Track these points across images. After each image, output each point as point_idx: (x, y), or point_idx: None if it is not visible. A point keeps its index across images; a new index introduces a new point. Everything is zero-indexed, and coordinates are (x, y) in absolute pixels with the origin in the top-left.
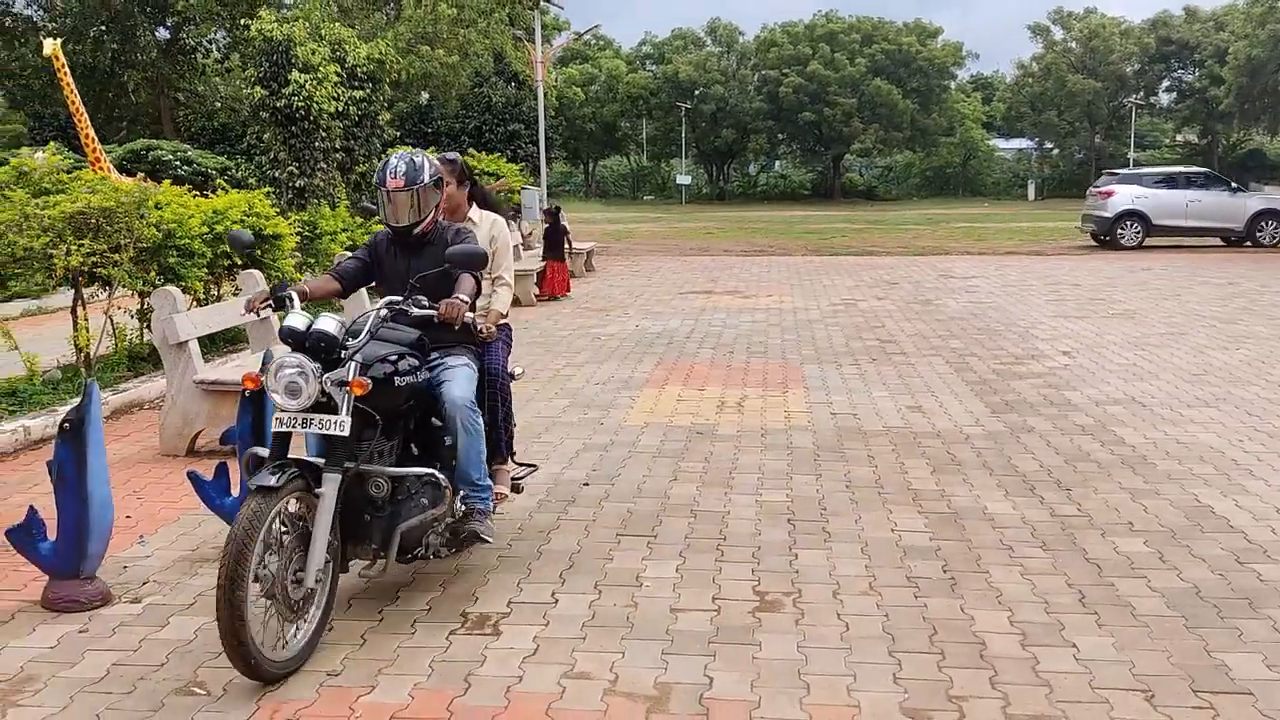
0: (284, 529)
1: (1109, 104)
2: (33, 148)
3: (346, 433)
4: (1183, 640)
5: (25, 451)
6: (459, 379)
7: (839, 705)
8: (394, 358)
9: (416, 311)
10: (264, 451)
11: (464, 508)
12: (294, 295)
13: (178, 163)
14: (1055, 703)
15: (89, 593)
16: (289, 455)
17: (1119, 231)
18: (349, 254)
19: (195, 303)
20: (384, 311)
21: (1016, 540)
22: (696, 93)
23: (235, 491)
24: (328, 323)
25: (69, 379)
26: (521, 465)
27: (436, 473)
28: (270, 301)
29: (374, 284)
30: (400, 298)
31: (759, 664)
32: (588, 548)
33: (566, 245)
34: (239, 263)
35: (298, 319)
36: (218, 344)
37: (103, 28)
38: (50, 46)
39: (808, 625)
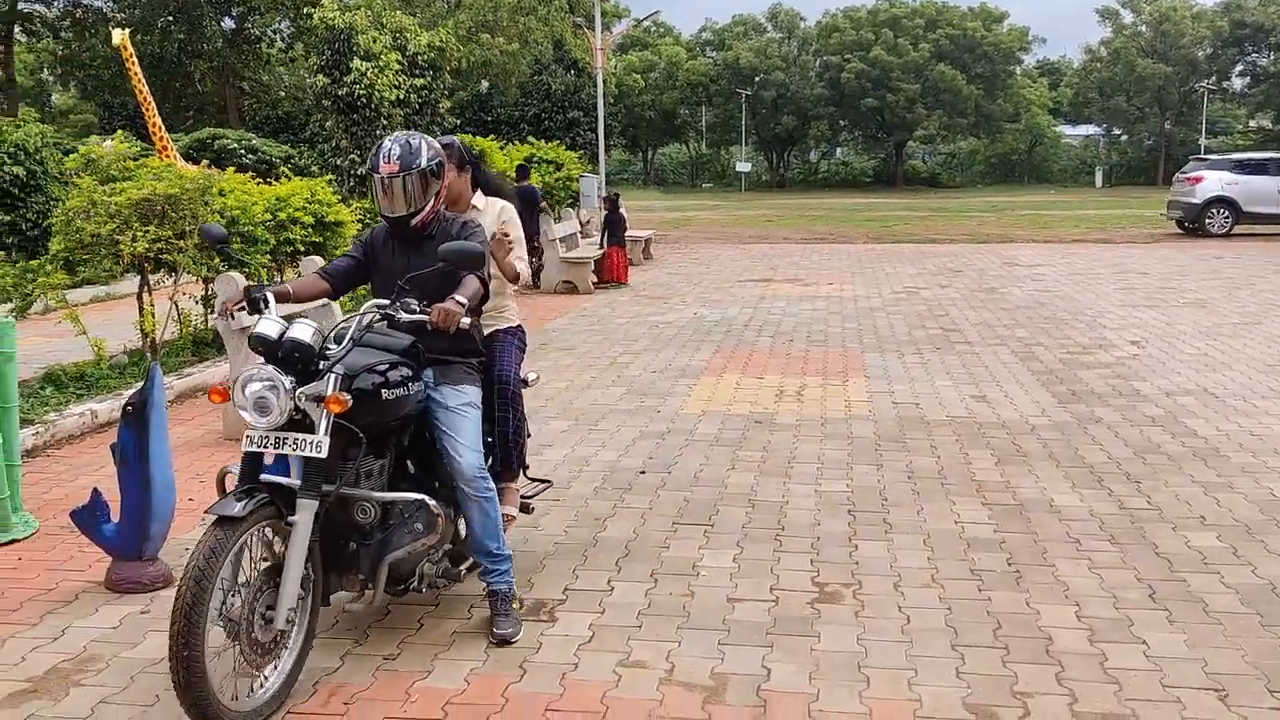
0: (254, 560)
1: (1179, 89)
2: (101, 136)
3: (324, 454)
4: (1258, 638)
5: (92, 435)
6: (463, 433)
7: (900, 699)
8: (383, 367)
9: (406, 317)
10: (236, 468)
11: (483, 585)
12: (270, 297)
13: (242, 151)
14: (1124, 700)
15: (151, 574)
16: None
17: (1207, 219)
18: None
19: None
20: (369, 317)
21: (1084, 533)
22: (757, 79)
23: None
24: (302, 329)
25: (135, 364)
26: (534, 481)
27: (428, 499)
28: (244, 304)
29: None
30: (388, 300)
31: (818, 656)
32: (644, 536)
33: (624, 232)
34: (301, 250)
35: (269, 325)
36: None
37: (170, 18)
38: (119, 37)
39: (868, 617)
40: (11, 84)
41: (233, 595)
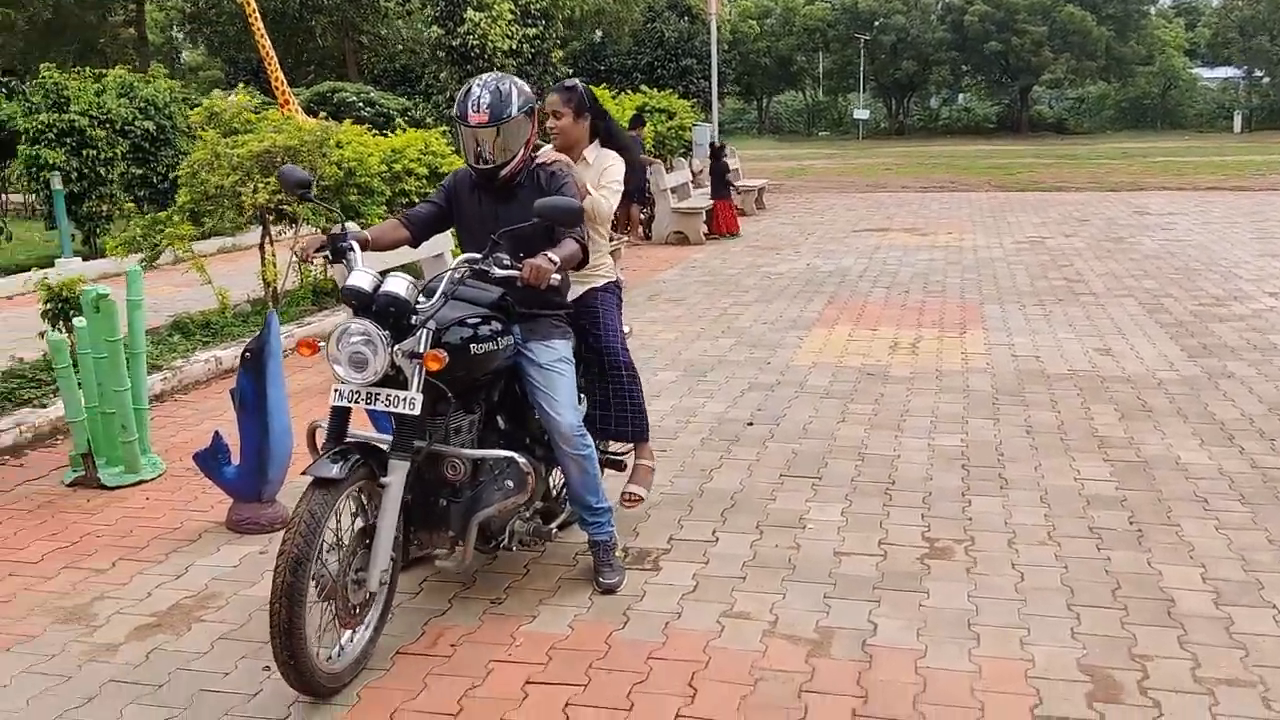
0: (348, 519)
1: None
2: (225, 91)
3: (417, 411)
4: None
5: (217, 380)
6: (557, 390)
7: (1011, 658)
8: (473, 321)
9: (498, 272)
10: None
11: (587, 539)
12: (355, 245)
13: (361, 104)
14: (1251, 667)
15: (269, 516)
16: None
17: None
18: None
19: None
20: (460, 271)
21: (1212, 492)
22: (876, 24)
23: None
24: (397, 283)
25: (257, 312)
26: (613, 458)
27: (518, 455)
28: (327, 252)
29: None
30: (480, 255)
31: (925, 612)
32: (750, 487)
33: (729, 182)
34: (416, 201)
35: (362, 277)
36: None
37: None
38: None
39: (979, 574)
40: (143, 41)
41: (328, 554)
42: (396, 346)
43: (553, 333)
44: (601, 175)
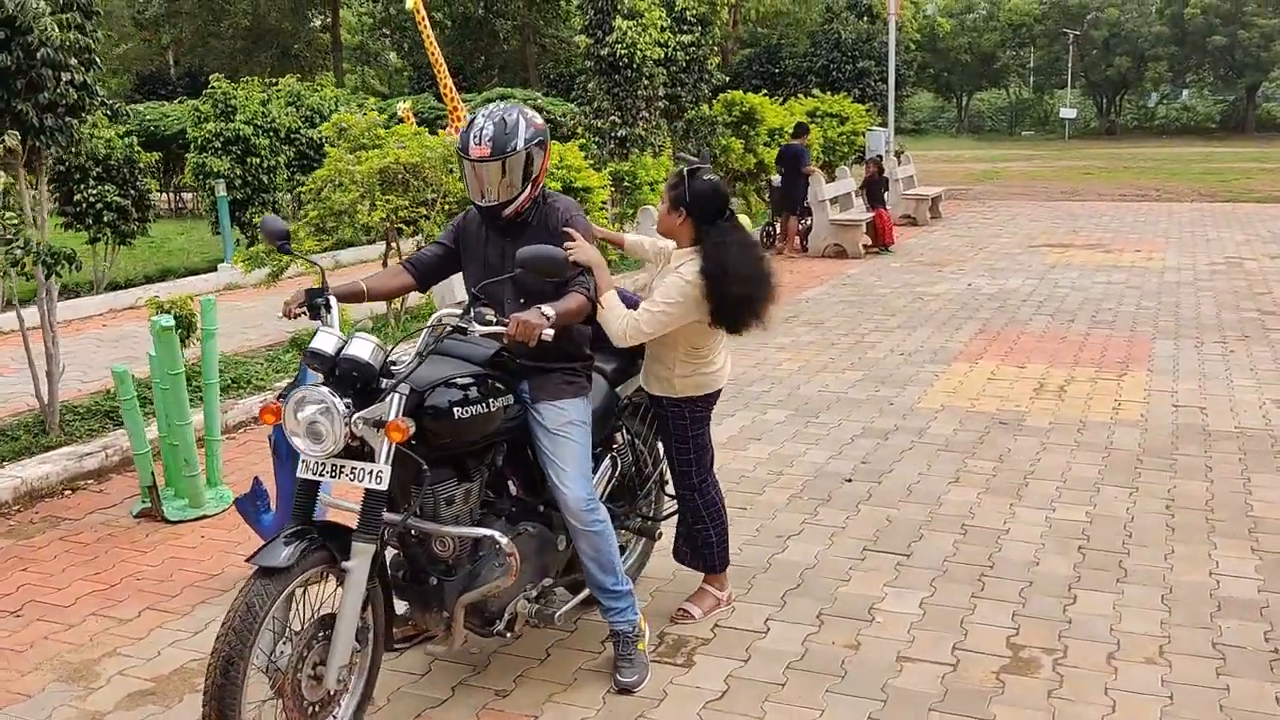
0: (310, 602)
1: None
2: (402, 98)
3: (384, 486)
4: None
5: None
6: (566, 458)
7: None
8: (462, 381)
9: (479, 329)
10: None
11: (610, 631)
12: (332, 302)
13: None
14: None
15: None
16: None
17: None
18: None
19: None
20: (438, 329)
21: None
22: (1087, 18)
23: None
24: (361, 346)
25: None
26: (643, 524)
27: (498, 535)
28: (305, 308)
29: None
30: (459, 311)
31: None
32: (825, 563)
33: (884, 194)
34: None
35: (325, 339)
36: None
37: None
38: (411, 0)
39: (1061, 700)
40: (338, 46)
41: (283, 643)
42: (357, 415)
43: (563, 391)
44: (660, 286)
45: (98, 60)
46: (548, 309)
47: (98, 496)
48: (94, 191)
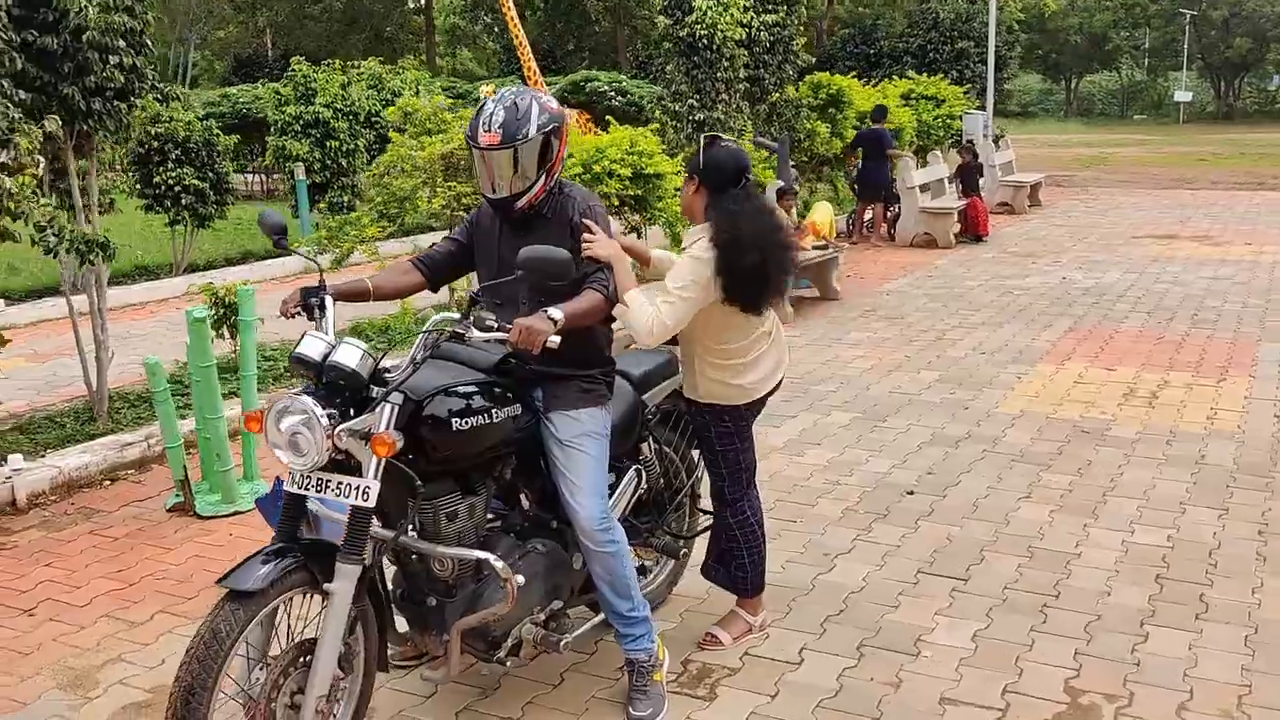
0: (290, 625)
1: None
2: (489, 80)
3: (371, 503)
4: None
5: None
6: (579, 473)
7: None
8: (463, 390)
9: (478, 334)
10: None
11: (624, 657)
12: (327, 301)
13: (612, 93)
14: None
15: None
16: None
17: None
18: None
19: None
20: (434, 335)
21: None
22: None
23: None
24: (348, 353)
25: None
26: (704, 513)
27: (492, 558)
28: (300, 308)
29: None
30: (468, 309)
31: None
32: (874, 586)
33: (979, 181)
34: (616, 204)
35: (312, 344)
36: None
37: None
38: None
39: None
40: (431, 28)
41: (259, 669)
42: (341, 426)
43: (580, 401)
44: (672, 271)
45: (149, 43)
46: (555, 312)
47: (135, 488)
48: (173, 174)
